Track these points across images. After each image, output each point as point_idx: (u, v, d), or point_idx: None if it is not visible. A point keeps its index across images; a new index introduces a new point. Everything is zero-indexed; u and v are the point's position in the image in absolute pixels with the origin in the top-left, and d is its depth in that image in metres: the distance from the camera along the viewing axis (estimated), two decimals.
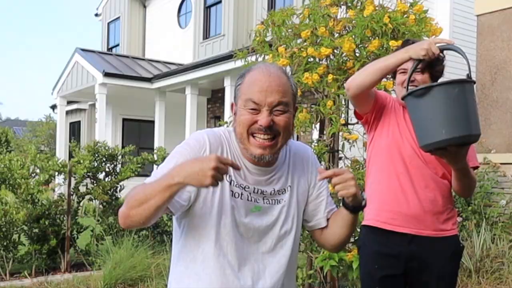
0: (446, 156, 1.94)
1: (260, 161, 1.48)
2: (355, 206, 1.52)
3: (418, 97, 1.85)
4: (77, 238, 6.18)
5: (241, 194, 1.50)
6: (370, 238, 2.32)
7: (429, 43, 2.00)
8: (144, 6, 16.78)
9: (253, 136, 1.45)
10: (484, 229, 5.27)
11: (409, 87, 2.13)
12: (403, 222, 2.22)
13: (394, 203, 2.24)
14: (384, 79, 3.88)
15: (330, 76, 3.79)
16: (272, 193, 1.54)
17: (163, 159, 6.96)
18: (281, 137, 1.47)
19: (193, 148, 1.48)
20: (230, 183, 1.49)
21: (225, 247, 1.48)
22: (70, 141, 10.96)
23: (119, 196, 6.64)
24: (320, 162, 4.06)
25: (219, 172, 1.28)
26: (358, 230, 2.67)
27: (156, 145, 12.06)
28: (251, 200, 1.51)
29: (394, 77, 2.36)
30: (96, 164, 6.43)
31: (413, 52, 2.02)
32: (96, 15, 18.72)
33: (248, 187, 1.51)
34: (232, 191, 1.49)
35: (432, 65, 2.20)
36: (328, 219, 1.64)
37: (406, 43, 2.29)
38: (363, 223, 2.35)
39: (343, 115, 4.10)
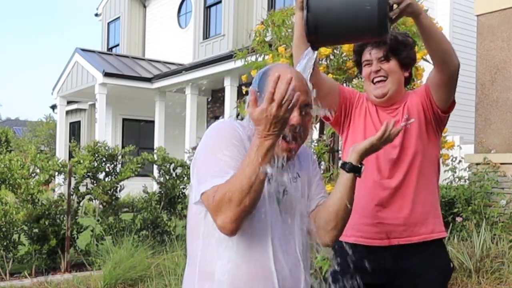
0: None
1: (283, 161, 1.48)
2: (354, 165, 1.57)
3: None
4: (77, 238, 6.18)
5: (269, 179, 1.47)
6: None
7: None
8: (144, 6, 16.78)
9: (282, 138, 1.43)
10: (484, 229, 5.27)
11: (375, 78, 2.07)
12: None
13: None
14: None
15: (330, 76, 3.79)
16: (288, 182, 1.54)
17: (163, 159, 6.99)
18: (302, 140, 1.50)
19: (230, 132, 1.45)
20: None
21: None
22: (70, 141, 10.96)
23: (119, 196, 6.64)
24: (320, 162, 4.07)
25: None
26: None
27: (156, 145, 12.06)
28: (275, 192, 1.50)
29: (361, 71, 2.20)
30: (96, 164, 6.43)
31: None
32: (96, 15, 18.73)
33: (270, 179, 1.48)
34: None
35: (397, 50, 2.06)
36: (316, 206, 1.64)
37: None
38: None
39: None
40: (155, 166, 7.40)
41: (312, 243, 1.65)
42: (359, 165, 1.59)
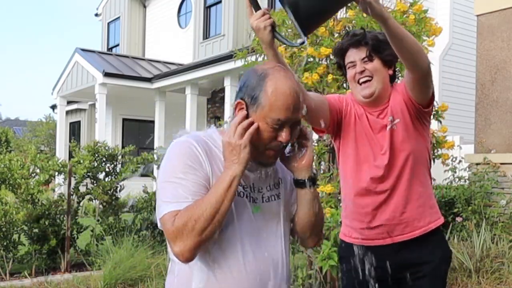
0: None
1: (265, 166, 1.49)
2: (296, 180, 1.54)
3: None
4: (77, 238, 6.18)
5: (242, 192, 1.47)
6: None
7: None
8: (144, 6, 16.78)
9: (267, 149, 1.45)
10: (484, 229, 5.27)
11: (361, 79, 2.07)
12: None
13: None
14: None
15: (330, 76, 3.80)
16: (268, 189, 1.53)
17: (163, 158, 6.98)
18: (286, 148, 1.50)
19: (186, 152, 1.41)
20: None
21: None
22: (70, 141, 10.95)
23: (119, 196, 6.64)
24: (320, 162, 4.07)
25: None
26: None
27: (156, 145, 12.07)
28: (250, 201, 1.48)
29: (344, 74, 2.22)
30: (96, 164, 6.43)
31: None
32: (96, 15, 18.73)
33: (246, 187, 1.48)
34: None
35: (379, 49, 2.07)
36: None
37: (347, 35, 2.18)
38: None
39: None
40: (155, 166, 7.40)
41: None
42: (309, 179, 1.54)
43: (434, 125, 4.08)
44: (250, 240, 1.45)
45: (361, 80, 2.10)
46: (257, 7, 1.74)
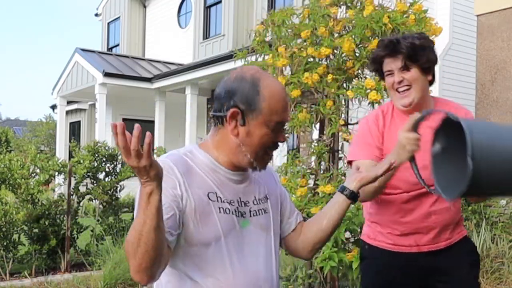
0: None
1: (261, 170, 1.50)
2: (355, 193, 1.59)
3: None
4: (77, 238, 6.18)
5: (228, 209, 1.46)
6: None
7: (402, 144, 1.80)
8: (144, 6, 16.78)
9: (266, 152, 1.47)
10: (484, 229, 5.27)
11: (399, 88, 2.02)
12: None
13: None
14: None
15: (330, 76, 3.80)
16: (255, 202, 1.53)
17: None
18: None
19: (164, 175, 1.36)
20: (217, 200, 1.44)
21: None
22: (70, 141, 10.95)
23: (119, 196, 6.65)
24: (320, 162, 4.07)
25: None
26: None
27: (156, 145, 12.06)
28: (238, 216, 1.48)
29: (382, 79, 2.15)
30: (96, 164, 6.43)
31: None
32: (96, 15, 18.72)
33: (233, 201, 1.48)
34: (220, 208, 1.45)
35: (415, 57, 1.98)
36: (298, 223, 1.68)
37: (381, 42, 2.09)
38: None
39: (342, 115, 4.10)
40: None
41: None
42: (358, 194, 1.62)
43: None
44: (238, 256, 1.45)
45: (399, 89, 2.05)
46: (416, 127, 1.72)
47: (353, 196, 1.59)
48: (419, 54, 1.98)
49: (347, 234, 3.68)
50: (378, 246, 2.17)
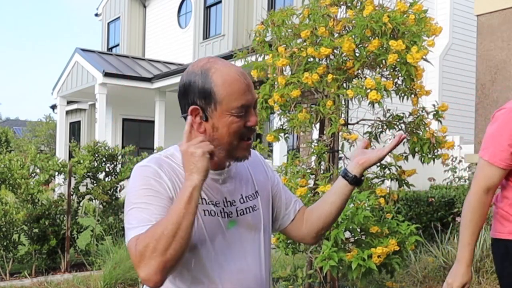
0: None
1: (243, 161, 1.44)
2: (358, 178, 1.56)
3: None
4: (77, 238, 6.18)
5: (213, 211, 1.42)
6: None
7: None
8: (144, 6, 16.78)
9: (242, 139, 1.39)
10: (484, 229, 5.26)
11: None
12: None
13: None
14: (384, 79, 3.90)
15: (329, 76, 3.79)
16: (242, 201, 1.48)
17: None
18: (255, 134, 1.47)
19: (148, 177, 1.36)
20: (201, 202, 1.39)
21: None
22: (70, 141, 10.95)
23: (119, 196, 6.64)
24: (320, 162, 4.07)
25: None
26: None
27: (156, 145, 12.06)
28: (224, 217, 1.43)
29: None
30: (96, 164, 6.43)
31: None
32: (96, 15, 18.73)
33: (219, 202, 1.43)
34: (205, 210, 1.41)
35: None
36: (298, 211, 1.65)
37: None
38: None
39: (342, 115, 4.10)
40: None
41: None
42: (361, 179, 1.59)
43: (434, 125, 4.08)
44: (227, 258, 1.42)
45: None
46: None
47: (356, 182, 1.55)
48: None
49: (347, 234, 3.67)
50: None
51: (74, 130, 17.29)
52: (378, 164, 4.15)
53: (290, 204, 1.65)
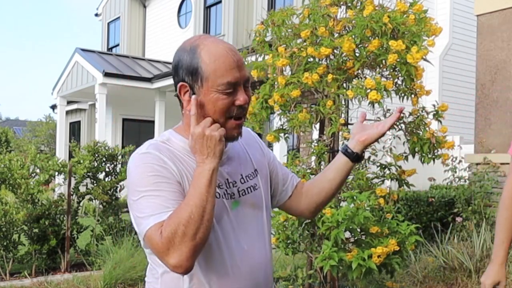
0: None
1: (232, 141, 1.41)
2: (359, 155, 1.55)
3: None
4: (77, 238, 6.18)
5: (218, 193, 1.39)
6: None
7: None
8: (144, 6, 16.78)
9: (230, 118, 1.36)
10: (484, 229, 5.27)
11: None
12: None
13: None
14: (384, 79, 3.90)
15: (330, 76, 3.79)
16: (242, 181, 1.46)
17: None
18: (246, 114, 1.43)
19: (151, 163, 1.33)
20: None
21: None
22: (70, 141, 10.95)
23: (119, 196, 6.64)
24: (320, 162, 4.07)
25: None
26: None
27: None
28: (228, 198, 1.42)
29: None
30: (96, 164, 6.43)
31: None
32: (96, 15, 18.73)
33: (221, 184, 1.41)
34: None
35: None
36: (295, 186, 1.64)
37: None
38: None
39: (342, 115, 4.10)
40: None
41: (312, 244, 1.64)
42: (362, 155, 1.58)
43: (434, 125, 4.08)
44: (234, 238, 1.41)
45: None
46: None
47: (356, 159, 1.54)
48: None
49: (347, 234, 3.67)
50: None
51: (74, 130, 17.29)
52: (378, 164, 4.16)
53: (287, 179, 1.64)
